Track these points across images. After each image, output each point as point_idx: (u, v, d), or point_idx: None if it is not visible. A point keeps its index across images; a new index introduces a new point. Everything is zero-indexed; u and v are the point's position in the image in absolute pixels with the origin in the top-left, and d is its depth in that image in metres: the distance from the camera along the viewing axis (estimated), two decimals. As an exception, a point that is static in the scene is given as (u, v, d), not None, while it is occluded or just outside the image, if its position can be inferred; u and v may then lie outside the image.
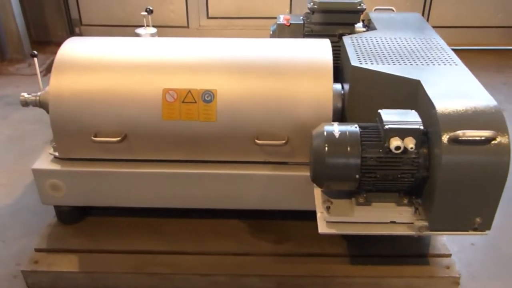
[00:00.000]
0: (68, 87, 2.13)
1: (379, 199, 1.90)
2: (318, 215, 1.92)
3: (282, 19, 2.67)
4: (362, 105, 2.09)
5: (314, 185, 2.04)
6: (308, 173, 2.11)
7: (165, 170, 2.19)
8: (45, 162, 2.26)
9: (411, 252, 2.20)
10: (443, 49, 2.21)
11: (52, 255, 2.22)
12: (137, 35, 2.79)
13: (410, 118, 1.81)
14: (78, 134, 2.16)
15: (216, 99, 2.09)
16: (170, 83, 2.11)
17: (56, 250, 2.23)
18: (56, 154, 2.24)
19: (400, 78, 1.99)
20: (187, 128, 2.12)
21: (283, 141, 2.09)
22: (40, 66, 4.84)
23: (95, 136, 2.13)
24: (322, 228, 1.87)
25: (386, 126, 1.77)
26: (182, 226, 2.36)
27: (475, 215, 1.78)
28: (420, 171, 1.80)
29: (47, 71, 4.67)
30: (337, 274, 2.11)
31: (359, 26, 2.61)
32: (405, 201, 1.88)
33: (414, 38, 2.32)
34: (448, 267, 2.13)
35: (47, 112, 2.34)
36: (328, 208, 1.91)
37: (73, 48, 2.24)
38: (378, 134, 1.82)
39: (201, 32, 4.80)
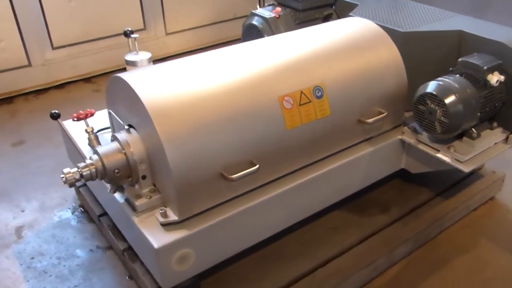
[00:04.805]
0: (183, 130, 1.69)
1: (481, 129, 2.26)
2: (449, 160, 2.15)
3: (269, 14, 2.65)
4: (413, 65, 2.36)
5: (418, 142, 2.25)
6: (399, 136, 2.30)
7: (295, 183, 2.00)
8: (163, 236, 1.73)
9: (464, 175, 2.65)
10: (428, 7, 2.66)
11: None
12: (132, 63, 2.25)
13: (486, 58, 2.22)
14: (207, 179, 1.75)
15: (326, 92, 2.02)
16: (282, 89, 1.92)
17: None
18: (174, 218, 1.75)
19: (444, 32, 2.35)
20: (308, 130, 1.98)
21: (386, 113, 2.19)
22: None
23: (229, 174, 1.77)
24: (465, 167, 2.10)
25: (485, 67, 2.13)
26: (297, 241, 2.21)
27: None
28: (504, 97, 2.25)
29: None
30: (447, 211, 2.40)
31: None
32: (495, 124, 2.30)
33: (398, 4, 2.69)
34: (494, 172, 2.67)
35: (109, 181, 1.80)
36: (455, 151, 2.17)
37: (149, 86, 1.75)
38: (473, 76, 2.16)
39: (48, 68, 3.98)
